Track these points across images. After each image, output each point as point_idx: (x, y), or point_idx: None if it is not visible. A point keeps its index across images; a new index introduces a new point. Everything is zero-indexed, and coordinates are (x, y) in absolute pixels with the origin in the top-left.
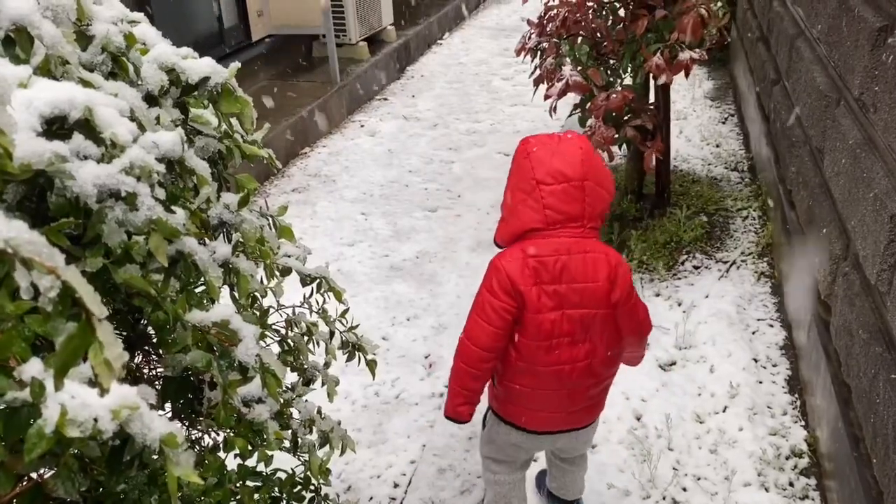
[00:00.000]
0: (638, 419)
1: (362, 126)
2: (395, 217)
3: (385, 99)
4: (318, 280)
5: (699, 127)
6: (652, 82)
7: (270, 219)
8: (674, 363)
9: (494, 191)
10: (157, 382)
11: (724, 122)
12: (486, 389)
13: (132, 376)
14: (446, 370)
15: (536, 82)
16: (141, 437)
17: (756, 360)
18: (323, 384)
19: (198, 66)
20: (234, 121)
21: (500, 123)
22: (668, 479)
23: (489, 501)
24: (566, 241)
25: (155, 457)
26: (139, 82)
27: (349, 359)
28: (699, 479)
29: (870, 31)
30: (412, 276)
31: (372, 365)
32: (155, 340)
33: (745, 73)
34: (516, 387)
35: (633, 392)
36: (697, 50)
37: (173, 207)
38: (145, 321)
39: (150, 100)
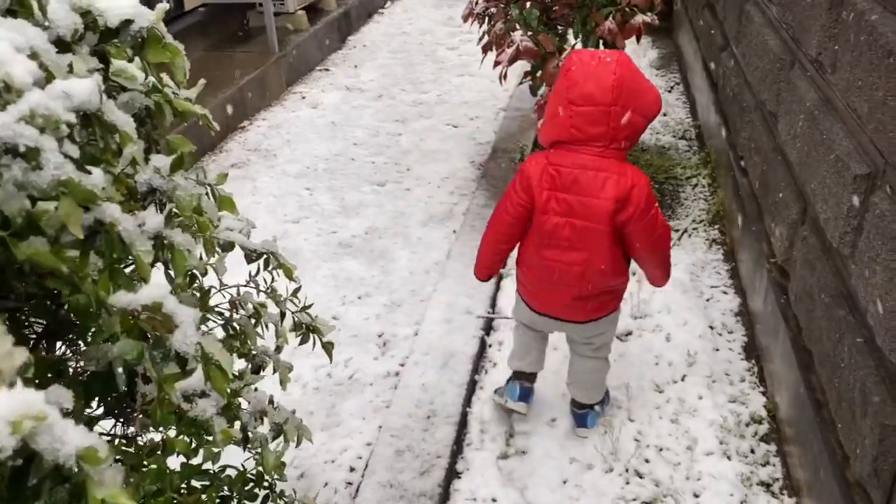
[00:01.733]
0: None
1: (303, 98)
2: (341, 192)
3: (326, 69)
4: (265, 256)
5: None
6: (602, 48)
7: (208, 188)
8: (630, 333)
9: (444, 163)
10: (84, 376)
11: (670, 91)
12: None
13: (54, 372)
14: (400, 349)
15: (485, 49)
16: (51, 454)
17: (712, 328)
18: (274, 371)
19: (118, 6)
20: (165, 78)
21: (446, 94)
22: (631, 450)
23: (512, 349)
24: (586, 157)
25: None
26: (46, 24)
27: (303, 342)
28: (661, 449)
29: None
30: (362, 253)
31: (328, 347)
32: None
33: (691, 41)
34: (522, 269)
35: None
36: (649, 13)
37: (91, 169)
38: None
39: (61, 46)
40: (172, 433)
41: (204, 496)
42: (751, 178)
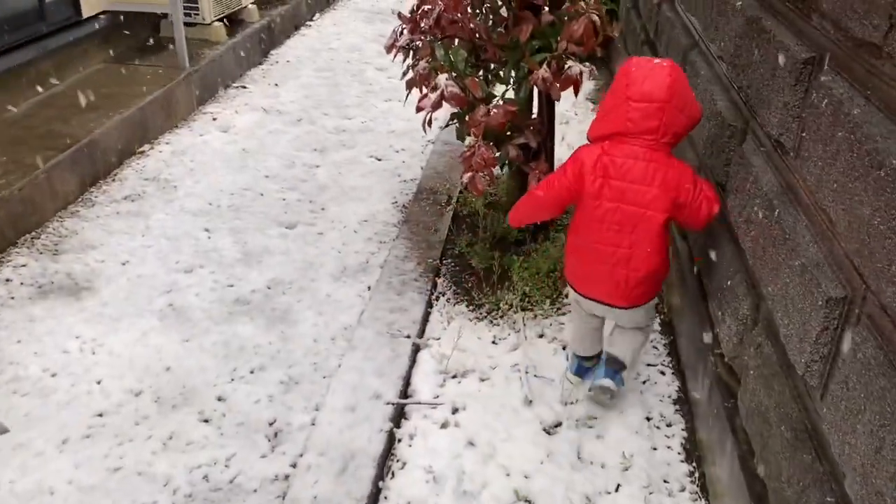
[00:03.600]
0: (518, 501)
1: (214, 119)
2: (244, 234)
3: (244, 87)
4: None
5: (582, 133)
6: (536, 94)
7: None
8: (559, 424)
9: (364, 203)
10: None
11: None
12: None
13: None
14: (294, 443)
15: (409, 85)
16: None
17: (649, 419)
18: None
19: None
20: None
21: (372, 121)
22: None
23: (569, 335)
24: (638, 149)
25: None
26: None
27: None
28: None
29: (793, 63)
30: (261, 313)
31: None
32: None
33: None
34: (570, 257)
35: (514, 465)
36: (587, 63)
37: None
38: None
39: None
40: None
41: None
42: (691, 246)
